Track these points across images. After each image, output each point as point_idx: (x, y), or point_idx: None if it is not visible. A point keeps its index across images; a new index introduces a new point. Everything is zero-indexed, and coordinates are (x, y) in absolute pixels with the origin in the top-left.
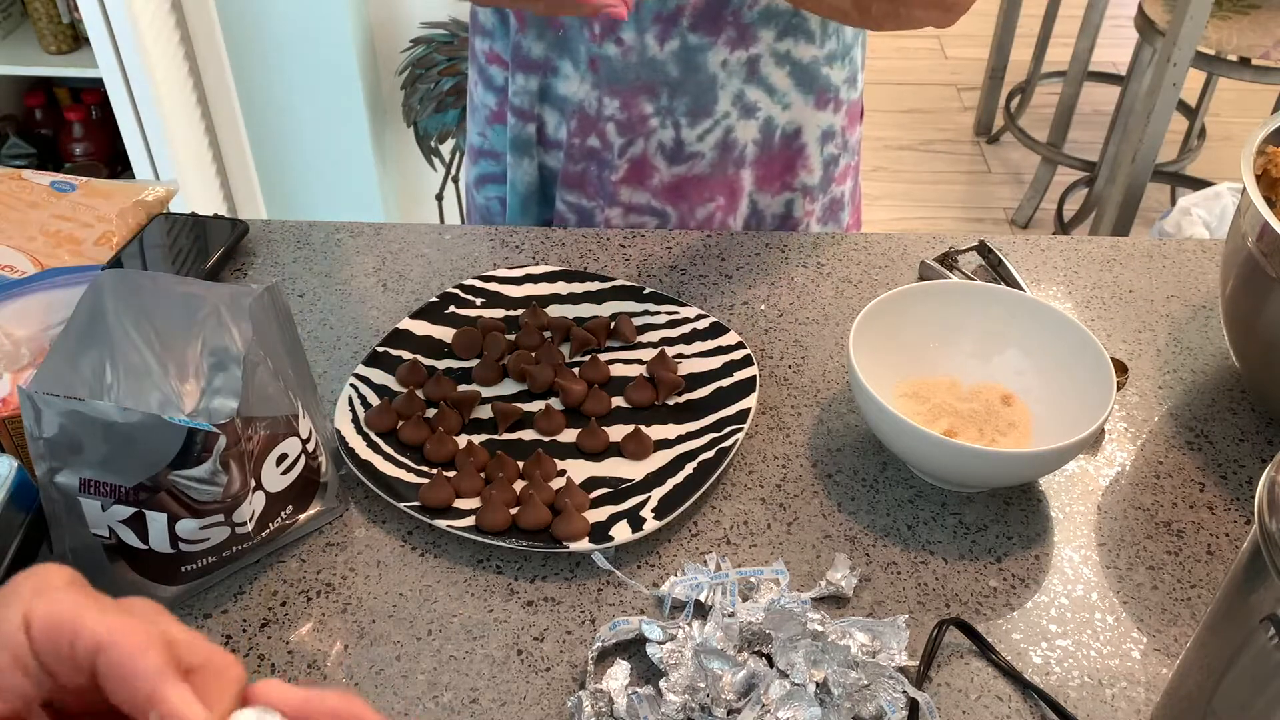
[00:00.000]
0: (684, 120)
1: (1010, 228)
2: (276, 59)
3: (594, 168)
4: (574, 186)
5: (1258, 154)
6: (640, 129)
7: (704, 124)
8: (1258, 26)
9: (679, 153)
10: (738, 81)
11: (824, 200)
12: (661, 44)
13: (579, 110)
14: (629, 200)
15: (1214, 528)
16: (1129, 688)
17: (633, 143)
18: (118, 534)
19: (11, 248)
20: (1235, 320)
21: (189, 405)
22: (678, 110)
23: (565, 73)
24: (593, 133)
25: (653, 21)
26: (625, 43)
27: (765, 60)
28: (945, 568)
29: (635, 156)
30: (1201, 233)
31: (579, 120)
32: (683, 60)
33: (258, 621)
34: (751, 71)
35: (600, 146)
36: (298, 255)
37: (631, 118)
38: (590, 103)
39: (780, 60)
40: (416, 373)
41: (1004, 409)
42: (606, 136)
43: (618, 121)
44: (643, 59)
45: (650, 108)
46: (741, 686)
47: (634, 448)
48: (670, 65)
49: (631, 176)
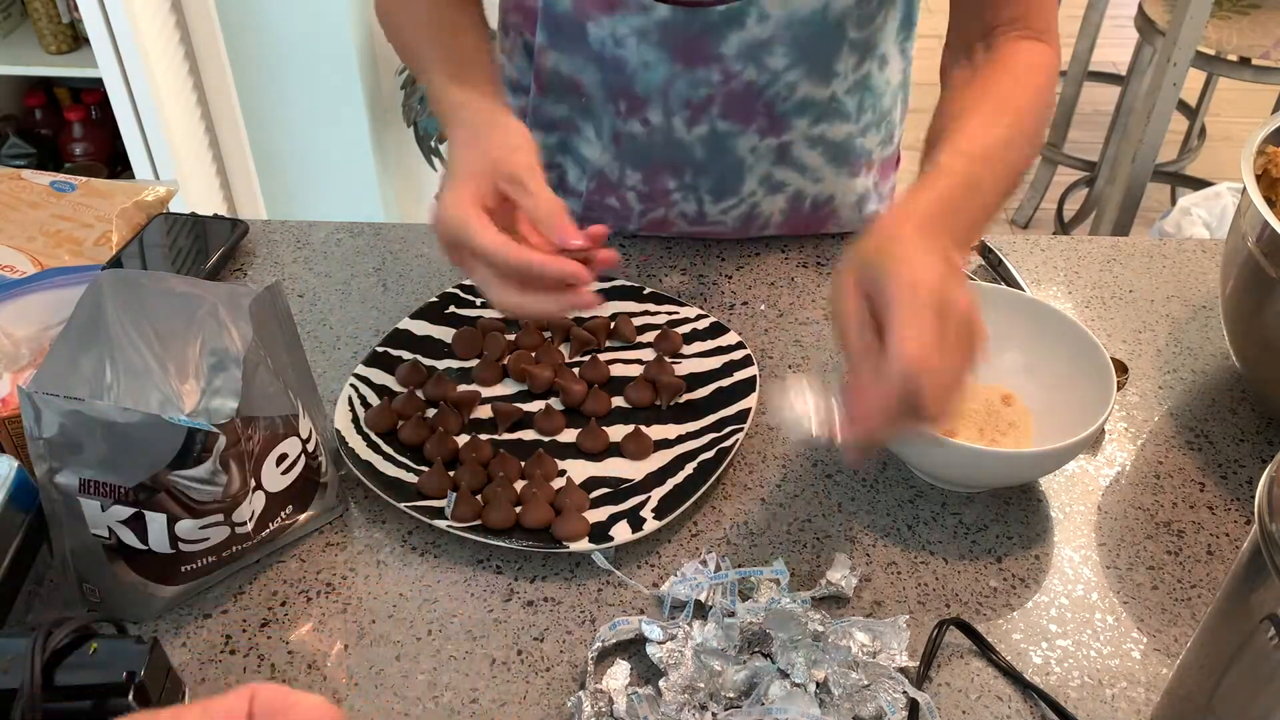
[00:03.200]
0: (708, 197)
1: (1010, 228)
2: (276, 59)
3: (611, 219)
4: None
5: (1258, 154)
6: (662, 201)
7: (728, 201)
8: (1258, 26)
9: (700, 220)
10: (766, 164)
11: None
12: (690, 127)
13: (600, 174)
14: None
15: (1214, 528)
16: (1129, 688)
17: (653, 209)
18: (117, 534)
19: (11, 248)
20: (1235, 320)
21: (189, 405)
22: (701, 188)
23: (587, 136)
24: (612, 195)
25: (683, 107)
26: (652, 124)
27: (798, 144)
28: (945, 568)
29: (656, 219)
30: (1201, 233)
31: (599, 182)
32: (710, 144)
33: (258, 621)
34: (782, 155)
35: (619, 207)
36: (298, 255)
37: (653, 190)
38: (612, 170)
39: (813, 143)
40: (416, 373)
41: (1004, 409)
42: (627, 202)
43: (639, 192)
44: (668, 139)
45: (673, 183)
46: (742, 686)
47: (634, 448)
48: (697, 148)
49: (651, 228)
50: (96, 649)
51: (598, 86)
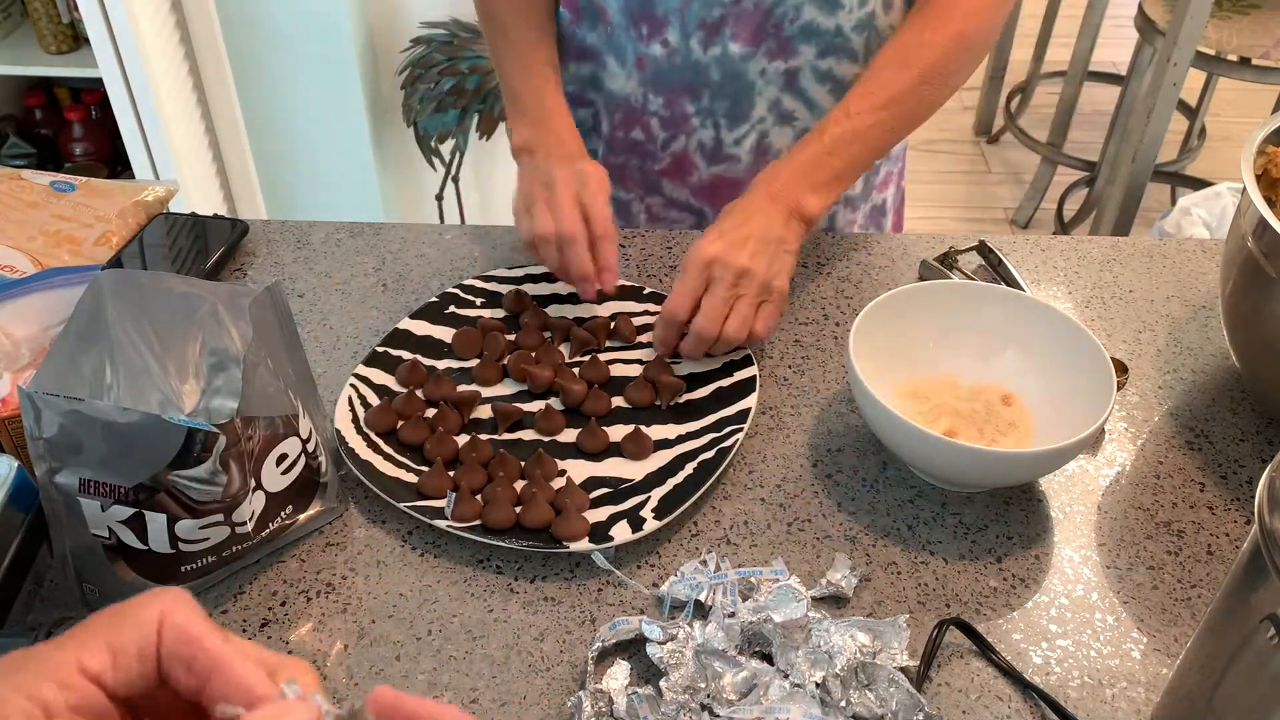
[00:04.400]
0: (724, 122)
1: (1010, 228)
2: (276, 59)
3: (635, 160)
4: (615, 180)
5: (1258, 154)
6: (683, 126)
7: (741, 128)
8: (1258, 26)
9: (717, 153)
10: (775, 89)
11: (865, 208)
12: (705, 49)
13: (624, 104)
14: (670, 194)
15: (1214, 528)
16: (1129, 688)
17: (675, 138)
18: (117, 534)
19: (11, 248)
20: (1235, 320)
21: (189, 405)
22: (718, 111)
23: (612, 69)
24: (637, 125)
25: (697, 27)
26: (671, 44)
27: (805, 73)
28: (945, 568)
29: (677, 152)
30: (1201, 233)
31: (624, 113)
32: (724, 66)
33: (258, 621)
34: (789, 82)
35: (644, 139)
36: (298, 255)
37: (674, 115)
38: (636, 97)
39: (821, 77)
40: (416, 373)
41: (1004, 409)
42: (651, 130)
43: (661, 117)
44: (686, 61)
45: (692, 107)
46: (742, 687)
47: (634, 448)
48: (712, 69)
49: (673, 170)
50: None
51: (620, 11)
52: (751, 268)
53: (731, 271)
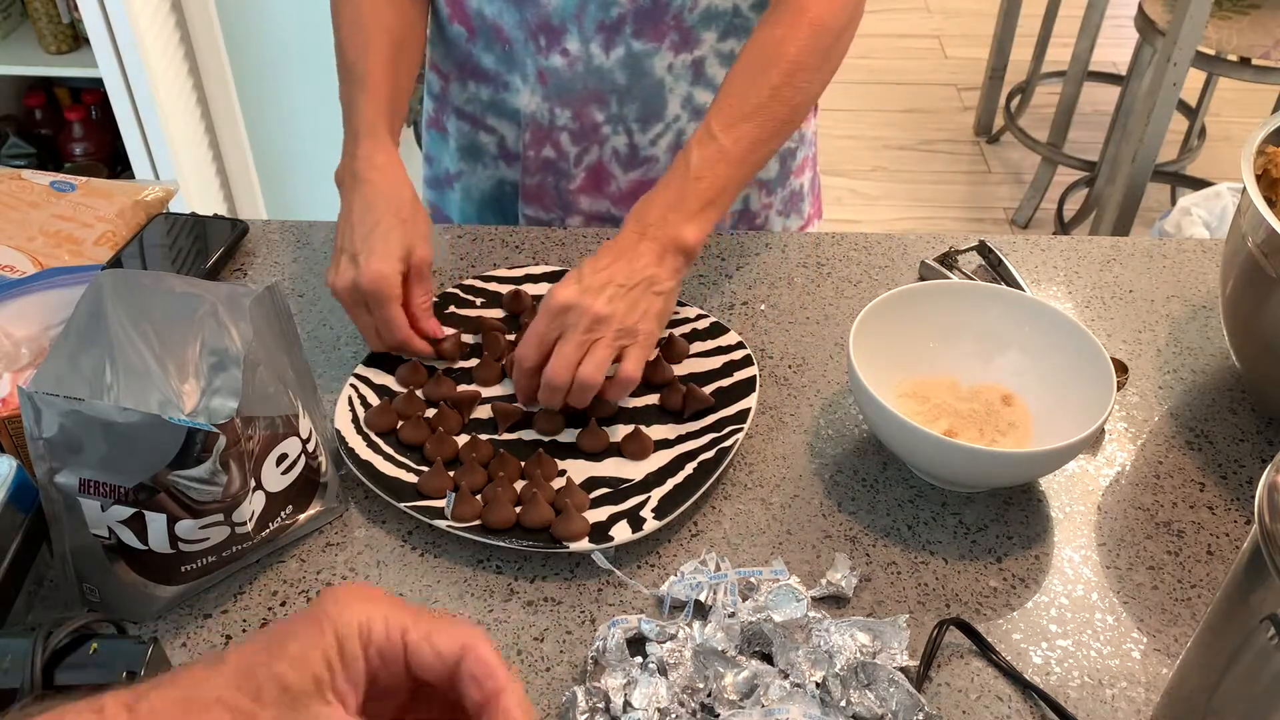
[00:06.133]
0: (635, 126)
1: (1010, 228)
2: (276, 59)
3: (551, 179)
4: (532, 200)
5: (1258, 154)
6: (594, 137)
7: (656, 128)
8: (1258, 26)
9: (634, 158)
10: (685, 84)
11: (783, 193)
12: (607, 52)
13: (531, 121)
14: (589, 209)
15: (1214, 528)
16: (1129, 688)
17: (588, 150)
18: (117, 534)
19: (11, 248)
20: (1235, 320)
21: (189, 405)
22: (629, 117)
23: (515, 86)
24: (547, 143)
25: (596, 30)
26: (571, 53)
27: (710, 61)
28: (945, 568)
29: (592, 164)
30: (1201, 233)
31: (532, 132)
32: (629, 67)
33: (258, 621)
34: (698, 73)
35: (556, 157)
36: (298, 255)
37: (584, 127)
38: (542, 114)
39: (725, 60)
40: (417, 373)
41: (1004, 409)
42: (561, 146)
43: (571, 131)
44: (589, 68)
45: (601, 116)
46: (742, 687)
47: (634, 448)
48: (617, 73)
49: (589, 185)
50: (96, 649)
51: (517, 27)
52: (607, 314)
53: (587, 318)
